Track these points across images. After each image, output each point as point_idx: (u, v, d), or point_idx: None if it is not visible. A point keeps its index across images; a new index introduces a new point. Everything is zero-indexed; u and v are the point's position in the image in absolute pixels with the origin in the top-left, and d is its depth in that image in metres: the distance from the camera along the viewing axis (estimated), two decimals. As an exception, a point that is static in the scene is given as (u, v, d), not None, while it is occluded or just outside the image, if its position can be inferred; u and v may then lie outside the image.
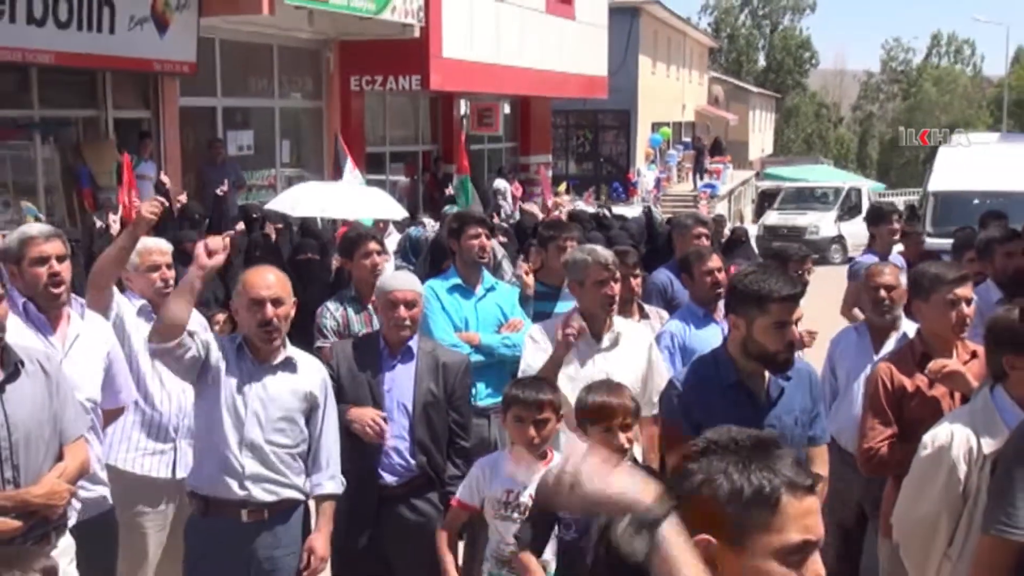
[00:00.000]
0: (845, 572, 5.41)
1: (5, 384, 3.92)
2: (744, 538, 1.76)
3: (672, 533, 1.66)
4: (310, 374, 4.66)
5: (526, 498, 4.25)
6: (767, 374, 4.16)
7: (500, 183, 20.96)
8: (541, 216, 14.29)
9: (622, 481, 1.70)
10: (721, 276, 5.78)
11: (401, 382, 5.00)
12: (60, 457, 4.08)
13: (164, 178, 13.18)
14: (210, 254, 4.35)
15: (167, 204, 4.52)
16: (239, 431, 4.45)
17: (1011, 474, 3.21)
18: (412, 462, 4.94)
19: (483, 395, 5.88)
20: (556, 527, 4.01)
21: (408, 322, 4.97)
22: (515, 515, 4.29)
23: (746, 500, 1.75)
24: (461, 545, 4.88)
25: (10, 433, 3.88)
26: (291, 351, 4.62)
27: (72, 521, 4.19)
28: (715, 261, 6.00)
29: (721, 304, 5.27)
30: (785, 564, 1.75)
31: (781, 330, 4.00)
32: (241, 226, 3.80)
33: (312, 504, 4.74)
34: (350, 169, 12.51)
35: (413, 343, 5.06)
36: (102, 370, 4.63)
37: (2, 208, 12.21)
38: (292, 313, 4.56)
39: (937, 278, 4.57)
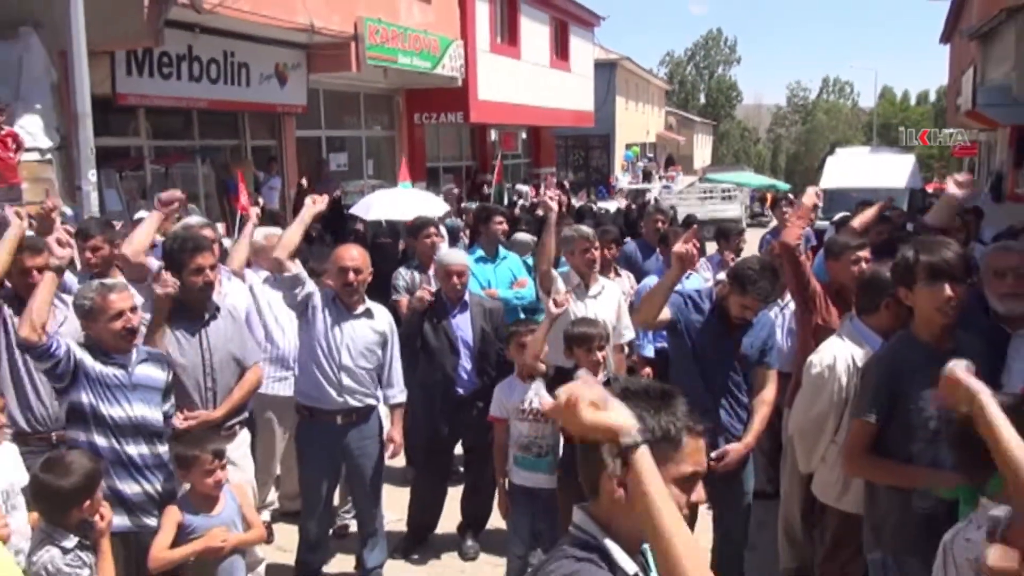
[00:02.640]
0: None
1: (209, 322, 3.98)
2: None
3: (646, 457, 1.54)
4: (382, 319, 4.65)
5: (537, 404, 4.24)
6: None
7: (522, 187, 20.95)
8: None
9: (614, 411, 1.56)
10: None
11: (463, 325, 5.05)
12: (241, 376, 4.13)
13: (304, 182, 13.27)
14: (314, 202, 4.46)
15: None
16: (335, 357, 4.43)
17: (867, 379, 3.18)
18: (475, 377, 5.04)
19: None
20: None
21: (460, 286, 5.05)
22: (528, 416, 4.29)
23: (656, 438, 1.64)
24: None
25: (211, 356, 3.96)
26: (369, 303, 4.59)
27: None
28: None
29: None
30: (680, 489, 1.66)
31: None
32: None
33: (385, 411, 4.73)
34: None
35: (466, 297, 5.09)
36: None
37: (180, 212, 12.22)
38: (369, 279, 4.53)
39: (845, 244, 4.48)
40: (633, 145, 36.22)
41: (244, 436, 4.22)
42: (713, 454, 3.85)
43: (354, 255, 4.49)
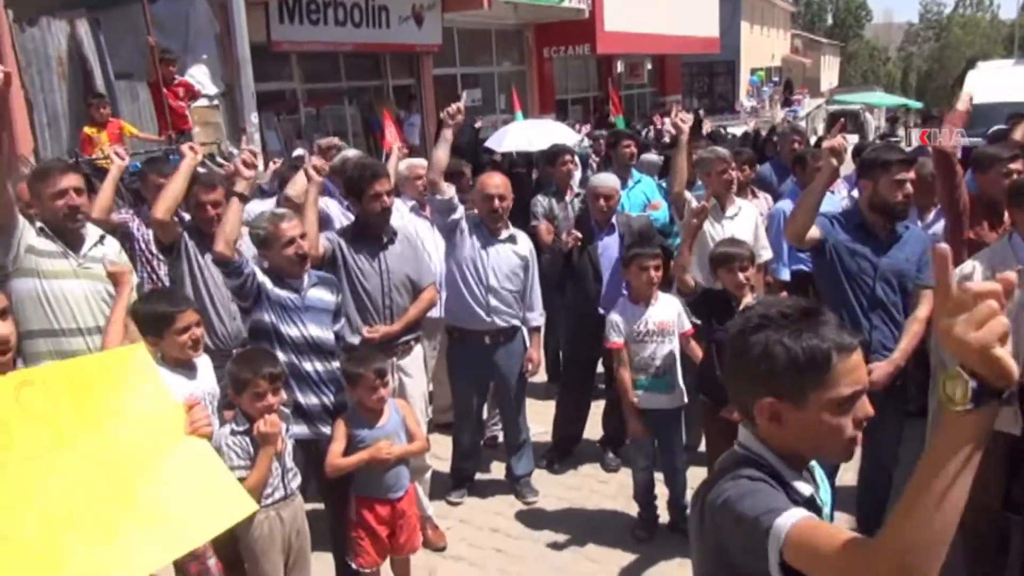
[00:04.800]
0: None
1: (387, 245, 4.06)
2: (802, 396, 1.43)
3: (989, 420, 1.15)
4: (524, 244, 4.63)
5: (652, 326, 4.15)
6: (889, 225, 3.69)
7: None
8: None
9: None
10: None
11: (610, 246, 4.90)
12: (416, 295, 4.19)
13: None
14: (452, 118, 4.31)
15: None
16: (483, 280, 4.43)
17: None
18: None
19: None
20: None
21: (607, 209, 4.91)
22: (643, 338, 4.17)
23: (802, 365, 1.43)
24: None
25: (389, 277, 4.02)
26: (512, 229, 4.55)
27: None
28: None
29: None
30: (838, 413, 1.45)
31: (899, 186, 3.57)
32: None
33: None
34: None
35: (613, 220, 4.95)
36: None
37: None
38: (511, 205, 4.46)
39: (995, 156, 4.09)
40: (758, 70, 34.44)
41: (418, 351, 4.30)
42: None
43: (497, 182, 4.45)
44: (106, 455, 1.94)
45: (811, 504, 1.49)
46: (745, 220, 4.92)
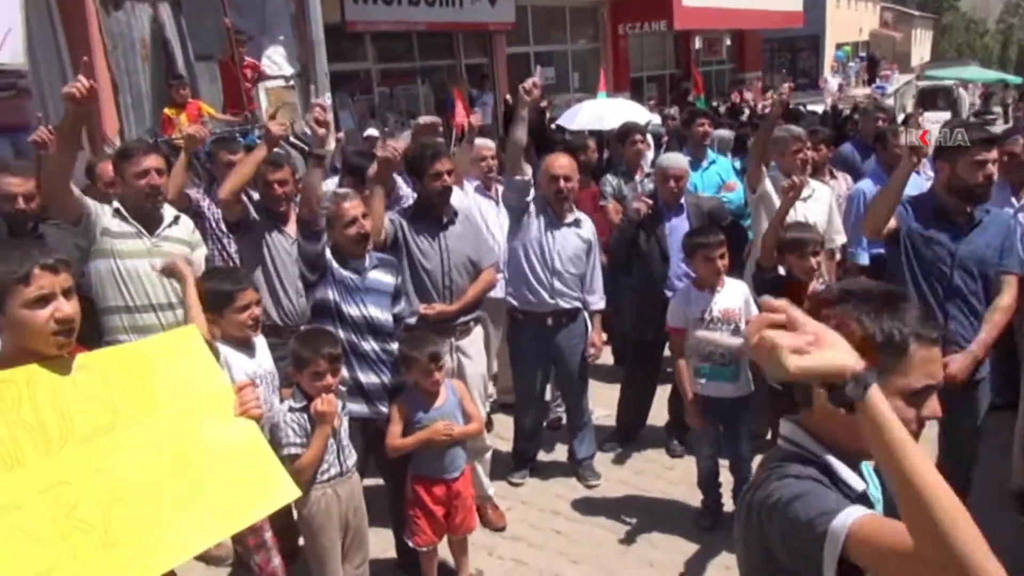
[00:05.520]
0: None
1: (448, 226, 4.07)
2: None
3: (877, 401, 1.18)
4: (587, 228, 4.56)
5: (717, 313, 4.01)
6: (968, 209, 3.49)
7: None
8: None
9: (828, 351, 1.18)
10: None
11: (677, 228, 4.77)
12: (476, 276, 4.17)
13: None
14: (529, 93, 4.22)
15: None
16: (548, 263, 4.39)
17: None
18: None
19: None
20: None
21: (677, 189, 4.79)
22: (708, 325, 4.01)
23: (877, 345, 1.34)
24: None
25: (449, 257, 4.02)
26: (576, 213, 4.49)
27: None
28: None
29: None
30: (909, 403, 1.37)
31: (979, 167, 3.36)
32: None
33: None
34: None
35: (682, 200, 4.84)
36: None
37: (402, 128, 12.65)
38: (577, 187, 4.38)
39: None
40: (844, 45, 33.15)
41: (478, 332, 4.29)
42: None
43: (563, 163, 4.38)
44: (159, 436, 1.98)
45: (863, 500, 1.41)
46: (819, 202, 4.73)
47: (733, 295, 4.07)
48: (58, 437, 1.83)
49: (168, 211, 3.89)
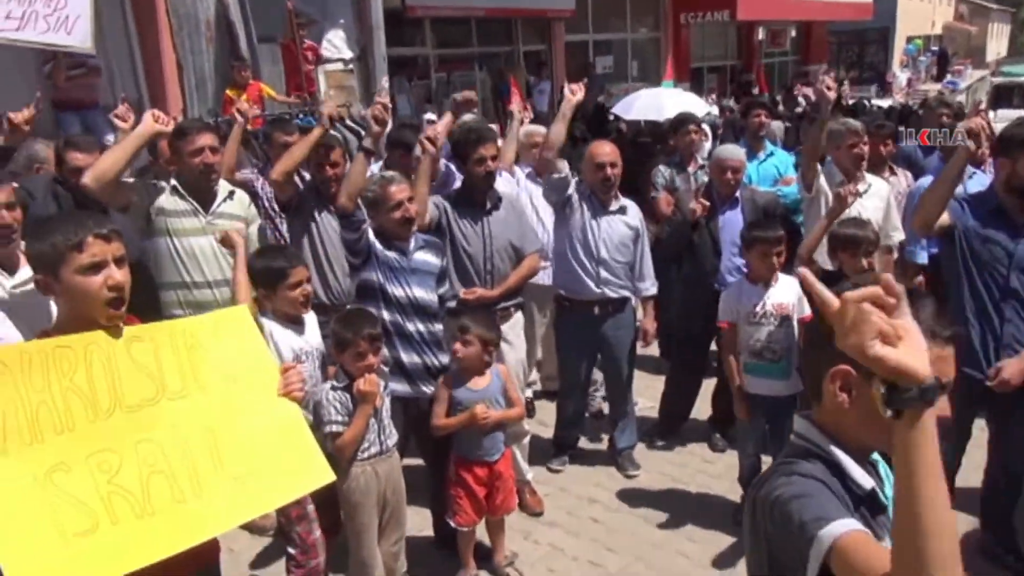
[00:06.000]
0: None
1: (491, 211, 4.10)
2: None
3: (928, 422, 1.13)
4: (634, 215, 4.54)
5: (769, 308, 3.93)
6: None
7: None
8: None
9: (909, 350, 1.12)
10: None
11: (731, 222, 4.72)
12: (518, 262, 4.19)
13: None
14: (574, 94, 4.28)
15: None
16: (593, 251, 4.38)
17: None
18: (739, 274, 4.60)
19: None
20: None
21: (733, 182, 4.73)
22: (760, 320, 3.95)
23: None
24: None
25: (492, 242, 4.05)
26: (623, 200, 4.46)
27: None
28: None
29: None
30: None
31: None
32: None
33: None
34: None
35: (737, 194, 4.77)
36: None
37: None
38: (620, 174, 4.39)
39: None
40: (915, 38, 32.11)
41: (518, 318, 4.31)
42: (990, 370, 3.34)
43: (607, 150, 4.38)
44: (202, 412, 2.04)
45: (872, 499, 1.41)
46: (875, 198, 4.63)
47: (786, 291, 3.98)
48: (107, 405, 1.90)
49: (223, 187, 4.00)
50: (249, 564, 3.89)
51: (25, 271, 2.87)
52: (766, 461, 4.17)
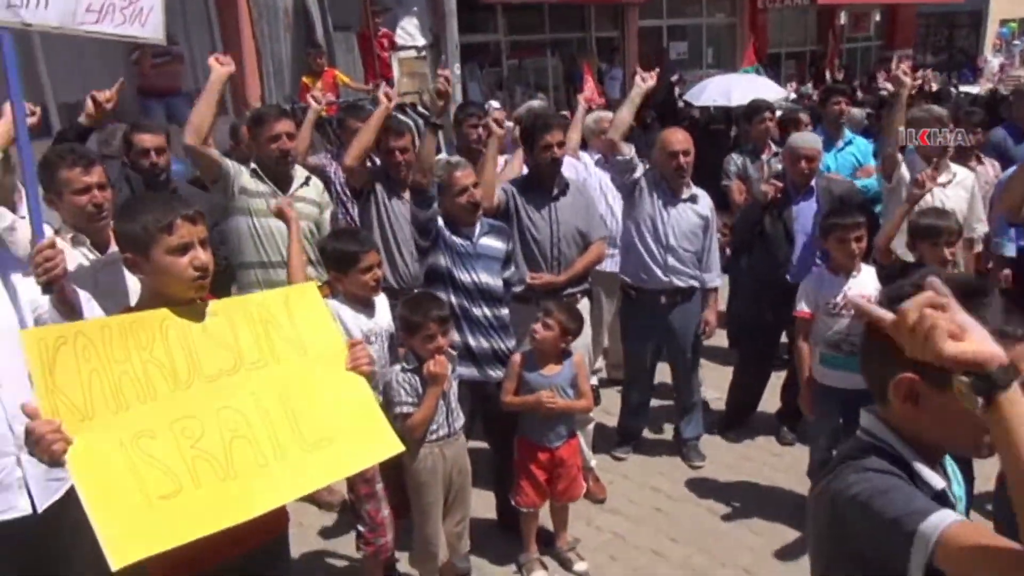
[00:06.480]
0: None
1: (558, 197, 4.13)
2: (945, 378, 1.21)
3: (1017, 399, 1.12)
4: (705, 204, 4.49)
5: (840, 299, 3.82)
6: None
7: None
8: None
9: (976, 339, 1.13)
10: None
11: (806, 212, 4.62)
12: (585, 249, 4.20)
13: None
14: (644, 80, 4.32)
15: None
16: (662, 239, 4.36)
17: None
18: (812, 266, 4.52)
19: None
20: None
21: (808, 171, 4.61)
22: (839, 311, 3.83)
23: None
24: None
25: (558, 228, 4.08)
26: (693, 188, 4.42)
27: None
28: None
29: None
30: None
31: None
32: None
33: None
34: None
35: (812, 183, 4.67)
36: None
37: (529, 99, 12.69)
38: (693, 162, 4.35)
39: None
40: (1009, 21, 30.62)
41: (584, 304, 4.32)
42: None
43: (680, 138, 4.34)
44: (277, 382, 2.12)
45: (942, 499, 1.36)
46: (959, 188, 4.47)
47: (869, 281, 3.85)
48: (186, 375, 1.99)
49: (299, 172, 4.12)
50: (317, 538, 4.01)
51: (114, 249, 3.02)
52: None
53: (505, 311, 3.76)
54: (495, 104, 7.48)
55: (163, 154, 4.24)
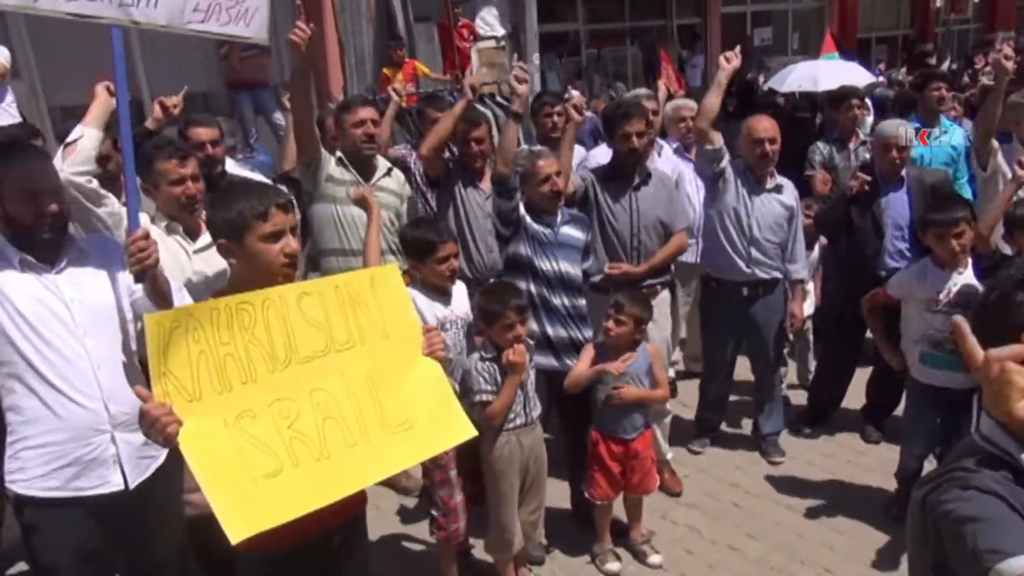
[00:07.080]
0: None
1: (639, 187, 4.11)
2: None
3: None
4: (790, 194, 4.38)
5: (955, 296, 3.64)
6: None
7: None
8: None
9: None
10: None
11: (896, 203, 4.46)
12: (666, 239, 4.16)
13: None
14: (729, 61, 4.22)
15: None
16: (745, 230, 4.28)
17: None
18: (903, 259, 4.41)
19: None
20: None
21: (899, 161, 4.43)
22: (942, 308, 3.66)
23: None
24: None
25: (639, 218, 4.06)
26: (779, 178, 4.31)
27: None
28: None
29: None
30: None
31: None
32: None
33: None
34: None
35: (903, 173, 4.49)
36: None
37: (607, 88, 12.60)
38: (778, 151, 4.25)
39: None
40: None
41: (664, 296, 4.28)
42: None
43: (767, 126, 4.23)
44: (363, 363, 2.18)
45: None
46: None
47: (975, 278, 3.67)
48: (283, 357, 2.06)
49: (381, 163, 4.20)
50: (394, 522, 4.11)
51: (205, 237, 3.14)
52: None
53: (583, 301, 3.76)
54: (575, 92, 7.44)
55: (218, 146, 4.35)
